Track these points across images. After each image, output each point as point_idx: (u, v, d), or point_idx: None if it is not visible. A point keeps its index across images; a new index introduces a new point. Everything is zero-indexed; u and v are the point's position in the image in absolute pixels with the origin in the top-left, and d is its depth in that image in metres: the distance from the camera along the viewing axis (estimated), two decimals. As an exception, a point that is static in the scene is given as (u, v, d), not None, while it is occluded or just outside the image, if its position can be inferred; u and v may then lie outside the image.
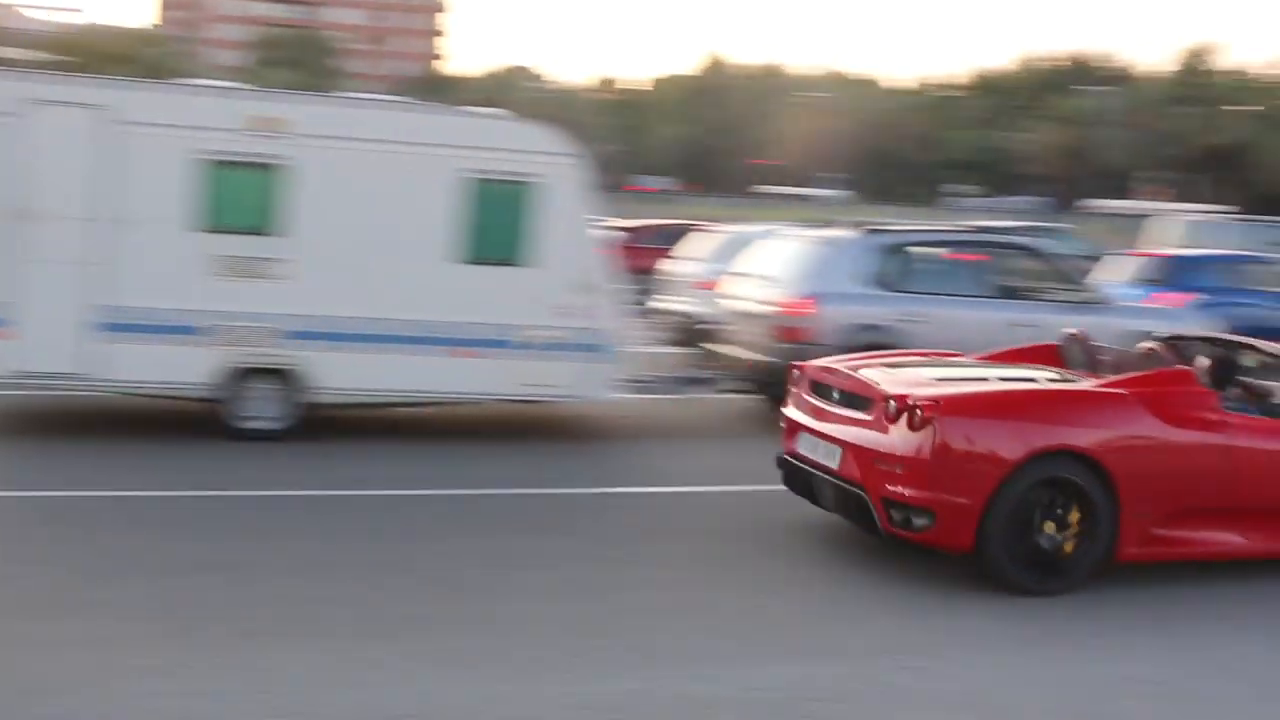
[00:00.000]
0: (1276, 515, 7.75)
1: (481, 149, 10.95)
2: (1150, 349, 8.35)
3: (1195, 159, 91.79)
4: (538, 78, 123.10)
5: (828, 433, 7.87)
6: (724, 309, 13.33)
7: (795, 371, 8.72)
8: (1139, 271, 19.27)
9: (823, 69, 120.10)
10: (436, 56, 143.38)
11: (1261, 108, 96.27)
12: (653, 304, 18.16)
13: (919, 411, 7.20)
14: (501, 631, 6.29)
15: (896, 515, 7.32)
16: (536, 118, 11.89)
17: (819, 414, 8.10)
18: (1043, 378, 8.13)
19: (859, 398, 7.76)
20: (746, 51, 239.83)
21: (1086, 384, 7.78)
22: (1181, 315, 14.40)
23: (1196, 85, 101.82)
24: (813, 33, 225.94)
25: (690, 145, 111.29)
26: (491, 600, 6.79)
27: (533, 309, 11.04)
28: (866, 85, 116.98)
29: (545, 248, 11.03)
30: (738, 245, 15.67)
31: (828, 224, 13.49)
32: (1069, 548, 7.26)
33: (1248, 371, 8.34)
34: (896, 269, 12.37)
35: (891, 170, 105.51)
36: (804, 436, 8.20)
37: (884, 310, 12.07)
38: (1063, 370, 8.50)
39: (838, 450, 7.72)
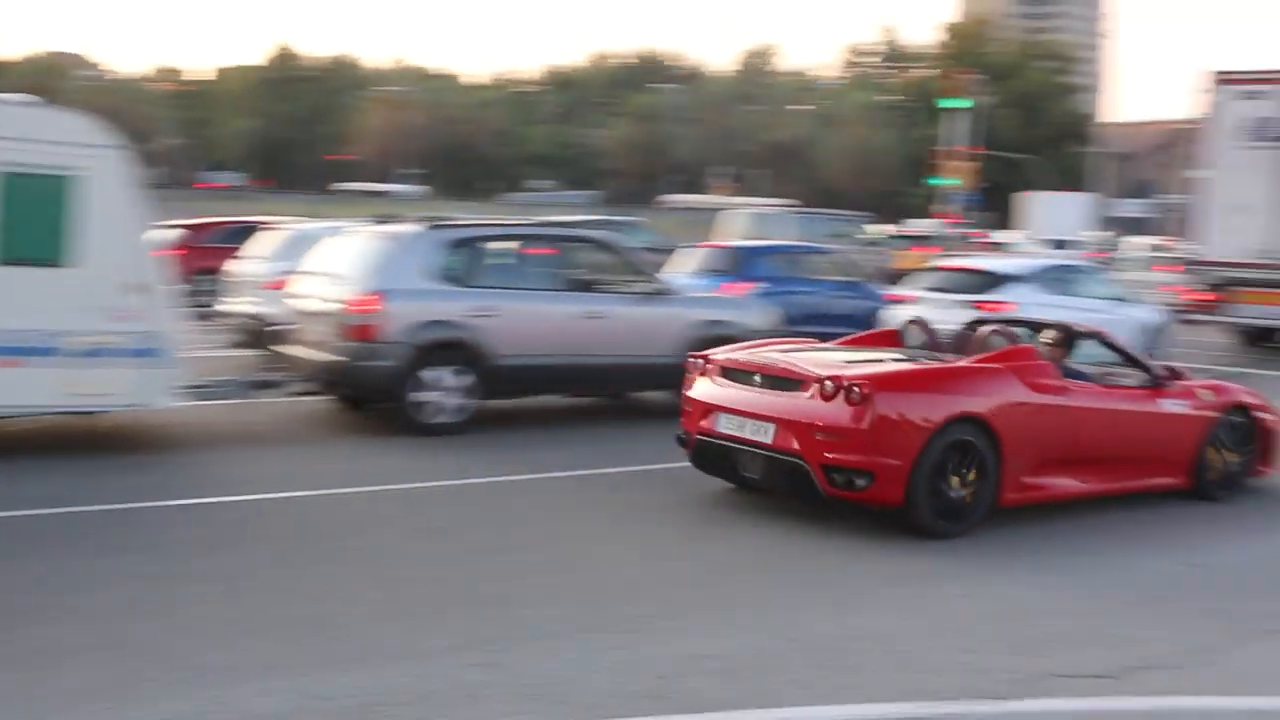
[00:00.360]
0: (1104, 462, 9.60)
1: (9, 139, 10.07)
2: (994, 330, 9.75)
3: (761, 155, 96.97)
4: (93, 66, 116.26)
5: (758, 411, 8.88)
6: (291, 309, 12.88)
7: (698, 360, 9.75)
8: (706, 263, 20.01)
9: (398, 63, 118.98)
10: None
11: (814, 107, 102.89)
12: (219, 305, 17.41)
13: (857, 388, 8.39)
14: (50, 661, 5.79)
15: (839, 479, 8.49)
16: (90, 109, 11.06)
17: (740, 397, 9.12)
18: (889, 358, 9.47)
19: (788, 380, 8.89)
20: (317, 43, 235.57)
21: (965, 361, 9.18)
22: (744, 304, 15.04)
23: (759, 85, 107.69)
24: (385, 26, 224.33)
25: (260, 139, 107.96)
26: (44, 627, 6.26)
27: (80, 312, 10.26)
28: (445, 80, 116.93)
29: (90, 246, 10.26)
30: (305, 243, 15.18)
31: (392, 219, 13.25)
32: (969, 498, 8.64)
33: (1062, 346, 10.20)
34: (464, 264, 12.27)
35: (472, 166, 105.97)
36: (723, 416, 9.18)
37: (453, 305, 11.94)
38: (904, 350, 9.87)
39: (771, 426, 8.75)
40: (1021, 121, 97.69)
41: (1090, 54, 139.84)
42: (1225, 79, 21.94)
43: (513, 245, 13.19)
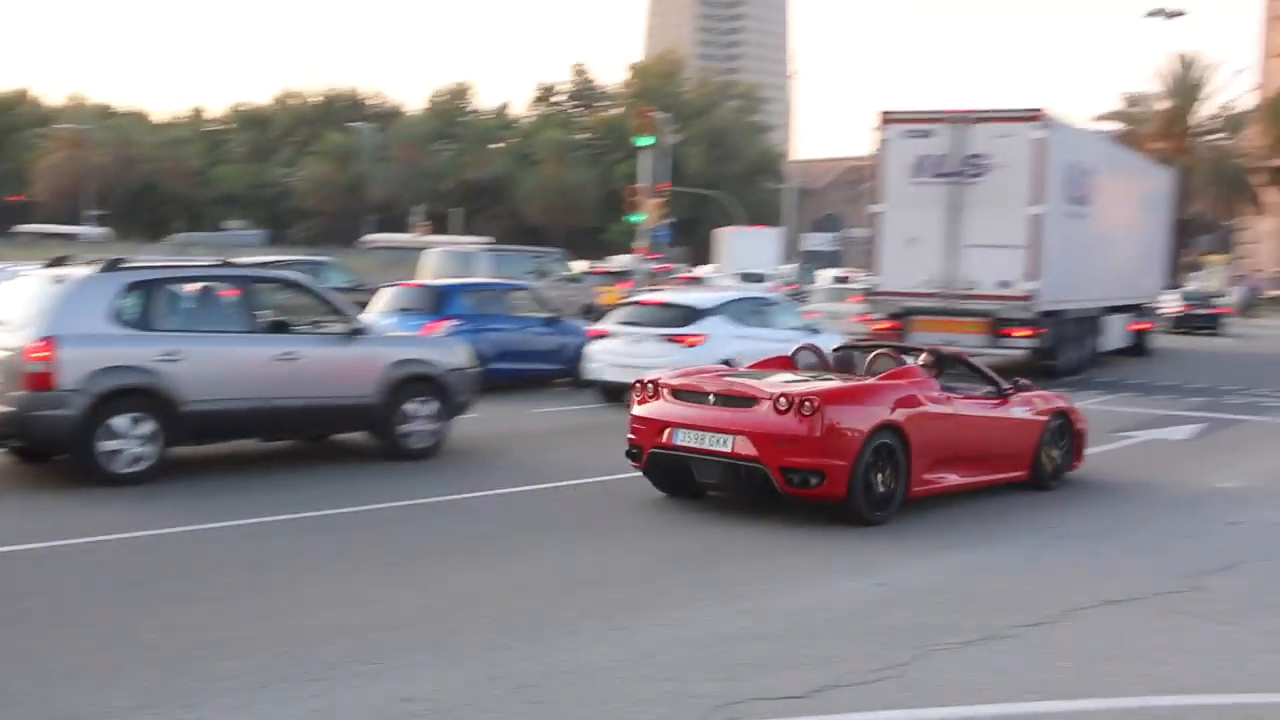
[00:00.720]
0: (974, 459, 11.67)
1: None
2: (880, 353, 11.76)
3: (460, 193, 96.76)
4: None
5: (716, 425, 10.45)
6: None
7: (647, 385, 11.17)
8: (405, 302, 19.85)
9: (73, 99, 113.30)
10: None
11: (503, 145, 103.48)
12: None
13: (809, 403, 10.08)
14: None
15: (795, 479, 10.14)
16: None
17: (696, 414, 10.66)
18: (809, 378, 11.23)
19: (741, 398, 10.52)
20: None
21: (873, 380, 11.01)
22: (441, 343, 14.92)
23: (456, 123, 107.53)
24: (66, 63, 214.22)
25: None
26: None
27: None
28: (132, 118, 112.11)
29: None
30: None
31: (66, 261, 12.56)
32: (890, 492, 10.53)
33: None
34: (146, 306, 11.70)
35: (164, 206, 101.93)
36: (681, 431, 10.68)
37: (134, 350, 11.36)
38: (798, 373, 11.63)
39: (730, 438, 10.33)
40: (712, 158, 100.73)
41: (778, 94, 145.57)
42: (893, 119, 23.09)
43: (199, 286, 12.61)
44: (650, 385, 11.18)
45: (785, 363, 12.10)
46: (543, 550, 9.38)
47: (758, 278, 49.52)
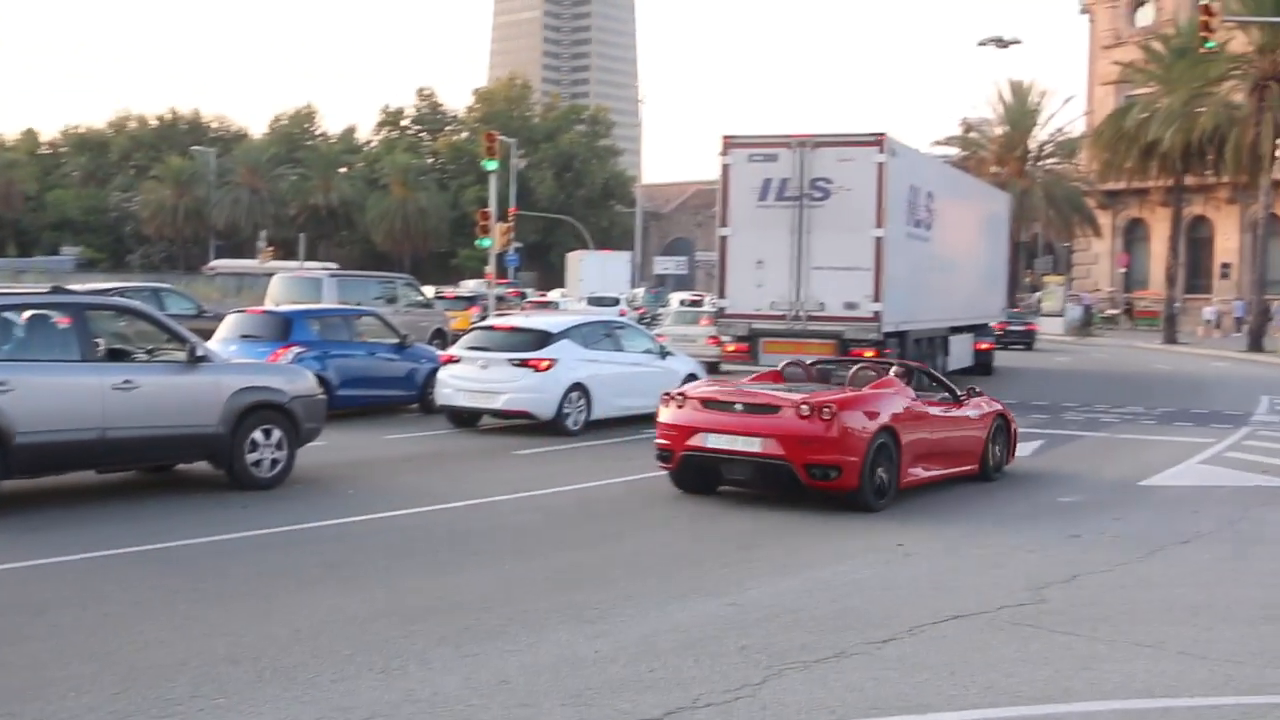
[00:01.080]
0: (939, 455, 13.70)
1: None
2: (868, 367, 14.06)
3: (305, 218, 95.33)
4: None
5: (745, 429, 12.33)
6: None
7: (675, 396, 13.07)
8: (248, 328, 19.46)
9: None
10: None
11: (345, 169, 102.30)
12: None
13: (828, 409, 12.06)
14: None
15: (817, 473, 12.08)
16: None
17: (725, 420, 12.50)
18: (815, 388, 13.31)
19: (766, 406, 12.45)
20: None
21: (868, 389, 12.96)
22: (285, 370, 14.64)
23: (301, 147, 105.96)
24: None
25: None
26: None
27: None
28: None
29: None
30: None
31: None
32: (888, 483, 12.56)
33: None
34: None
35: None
36: (711, 435, 12.51)
37: (-42, 381, 10.88)
38: (789, 384, 13.63)
39: (758, 440, 12.22)
40: (561, 182, 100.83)
41: (627, 119, 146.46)
42: (736, 143, 23.26)
43: (28, 314, 12.02)
44: (679, 396, 13.04)
45: (777, 376, 14.23)
46: (393, 578, 9.24)
47: (611, 301, 49.70)
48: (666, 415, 13.00)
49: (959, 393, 14.57)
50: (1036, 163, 66.51)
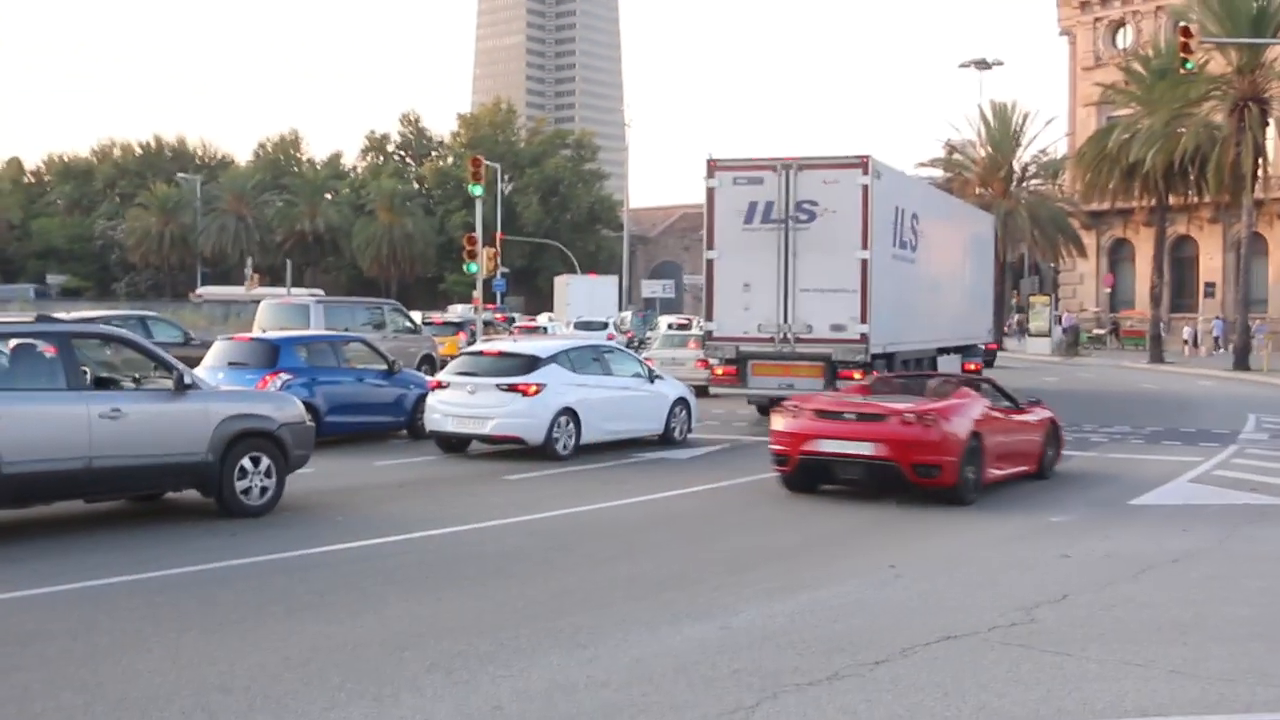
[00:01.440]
0: (1008, 456, 15.44)
1: None
2: (944, 379, 16.88)
3: (292, 245, 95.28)
4: None
5: (858, 435, 14.14)
6: None
7: (792, 406, 14.95)
8: (235, 355, 19.43)
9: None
10: None
11: (330, 196, 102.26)
12: None
13: (932, 416, 13.99)
14: None
15: (921, 472, 13.97)
16: None
17: (839, 427, 14.32)
18: (912, 397, 15.32)
19: (874, 415, 14.30)
20: None
21: (956, 399, 14.88)
22: (273, 397, 14.64)
23: (287, 173, 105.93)
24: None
25: None
26: None
27: None
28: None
29: None
30: None
31: None
32: (978, 480, 14.48)
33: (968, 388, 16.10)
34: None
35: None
36: (825, 441, 14.30)
37: (-53, 411, 10.84)
38: (880, 396, 15.49)
39: (869, 444, 14.03)
40: (547, 207, 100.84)
41: (613, 142, 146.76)
42: (721, 166, 23.26)
43: (14, 343, 11.94)
44: (794, 407, 14.81)
45: (865, 389, 16.34)
46: (384, 605, 9.21)
47: (599, 325, 49.68)
48: (781, 424, 14.67)
49: (1021, 402, 16.62)
50: (1021, 184, 66.63)
